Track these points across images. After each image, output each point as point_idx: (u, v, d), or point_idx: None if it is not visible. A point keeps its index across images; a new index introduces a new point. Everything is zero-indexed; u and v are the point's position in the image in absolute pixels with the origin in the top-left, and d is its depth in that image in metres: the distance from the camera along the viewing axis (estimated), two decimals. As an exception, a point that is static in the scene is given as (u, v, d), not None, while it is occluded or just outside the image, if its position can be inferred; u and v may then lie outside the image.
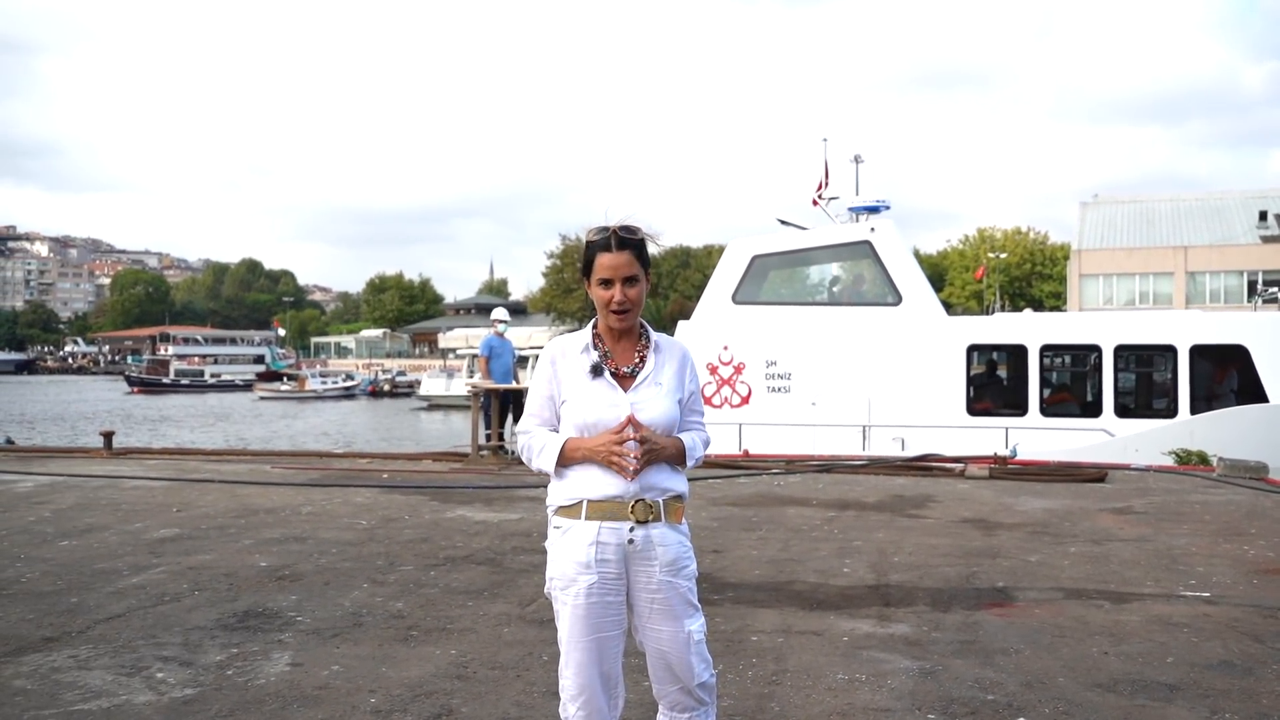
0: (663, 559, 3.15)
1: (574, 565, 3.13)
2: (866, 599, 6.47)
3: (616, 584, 3.14)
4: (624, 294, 3.15)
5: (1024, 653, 5.31)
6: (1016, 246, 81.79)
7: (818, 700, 4.61)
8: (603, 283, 3.16)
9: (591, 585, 3.11)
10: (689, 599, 3.22)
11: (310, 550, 7.84)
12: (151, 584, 6.74)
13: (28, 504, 10.01)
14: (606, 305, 3.17)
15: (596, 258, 3.17)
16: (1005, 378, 17.24)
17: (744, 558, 7.70)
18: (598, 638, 3.15)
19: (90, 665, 5.07)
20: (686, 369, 3.30)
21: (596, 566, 3.11)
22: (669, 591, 3.17)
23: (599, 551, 3.11)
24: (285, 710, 4.46)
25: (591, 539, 3.11)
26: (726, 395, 17.02)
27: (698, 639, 3.22)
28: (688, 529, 3.29)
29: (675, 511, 3.20)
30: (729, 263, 18.12)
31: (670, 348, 3.30)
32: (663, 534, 3.15)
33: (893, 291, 17.02)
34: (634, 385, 3.19)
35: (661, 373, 3.23)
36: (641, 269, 3.19)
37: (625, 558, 3.13)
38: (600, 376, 3.18)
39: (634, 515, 3.11)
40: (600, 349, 3.23)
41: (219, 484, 11.47)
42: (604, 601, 3.13)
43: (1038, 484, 11.64)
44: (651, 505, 3.13)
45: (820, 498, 10.68)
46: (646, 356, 3.24)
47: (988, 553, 7.87)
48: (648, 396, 3.18)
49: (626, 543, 3.12)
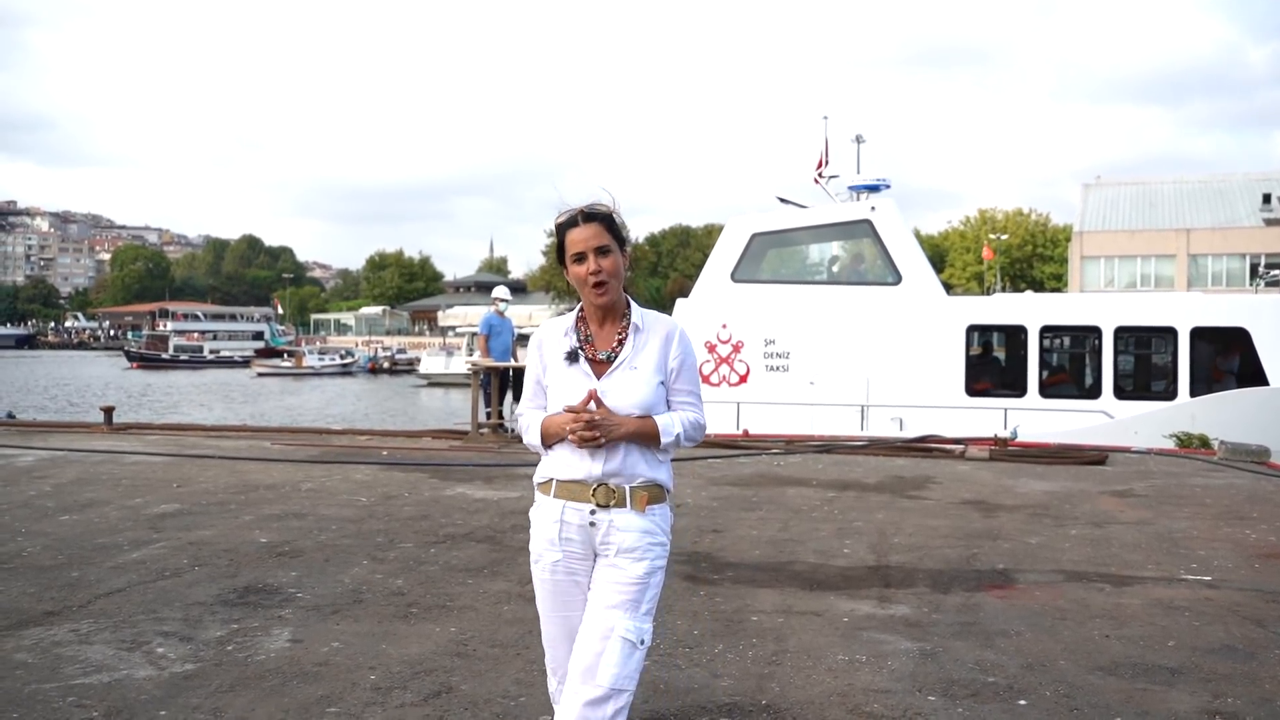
0: (619, 544, 3.10)
1: (543, 541, 3.18)
2: (867, 580, 6.47)
3: (583, 564, 3.14)
4: (598, 264, 3.12)
5: (1025, 635, 5.30)
6: (1018, 228, 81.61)
7: (818, 681, 4.61)
8: (577, 258, 3.14)
9: (556, 562, 3.15)
10: (636, 594, 3.08)
11: (310, 527, 7.84)
12: (152, 559, 6.74)
13: (29, 478, 10.01)
14: (584, 281, 3.14)
15: (566, 236, 3.16)
16: (1003, 359, 17.23)
17: (744, 538, 7.69)
18: (565, 615, 3.17)
19: (91, 639, 5.07)
20: (671, 346, 3.21)
21: (561, 544, 3.14)
22: (619, 579, 3.08)
23: (563, 530, 3.13)
24: (285, 686, 4.46)
25: (556, 516, 3.14)
26: (725, 374, 17.01)
27: (624, 637, 3.02)
28: (665, 523, 3.20)
29: (640, 499, 3.12)
30: (728, 241, 18.08)
31: (654, 326, 3.23)
32: (625, 520, 3.11)
33: (892, 271, 17.00)
34: (608, 371, 3.15)
35: (639, 355, 3.17)
36: (615, 242, 3.15)
37: (589, 539, 3.12)
38: (575, 363, 3.16)
39: (595, 498, 3.09)
40: (582, 333, 3.21)
41: (219, 460, 11.46)
42: (570, 580, 3.15)
43: (1038, 466, 11.64)
44: (614, 490, 3.10)
45: (820, 478, 10.68)
46: (625, 340, 3.18)
47: (988, 534, 7.87)
48: (618, 382, 3.13)
49: (589, 524, 3.11)
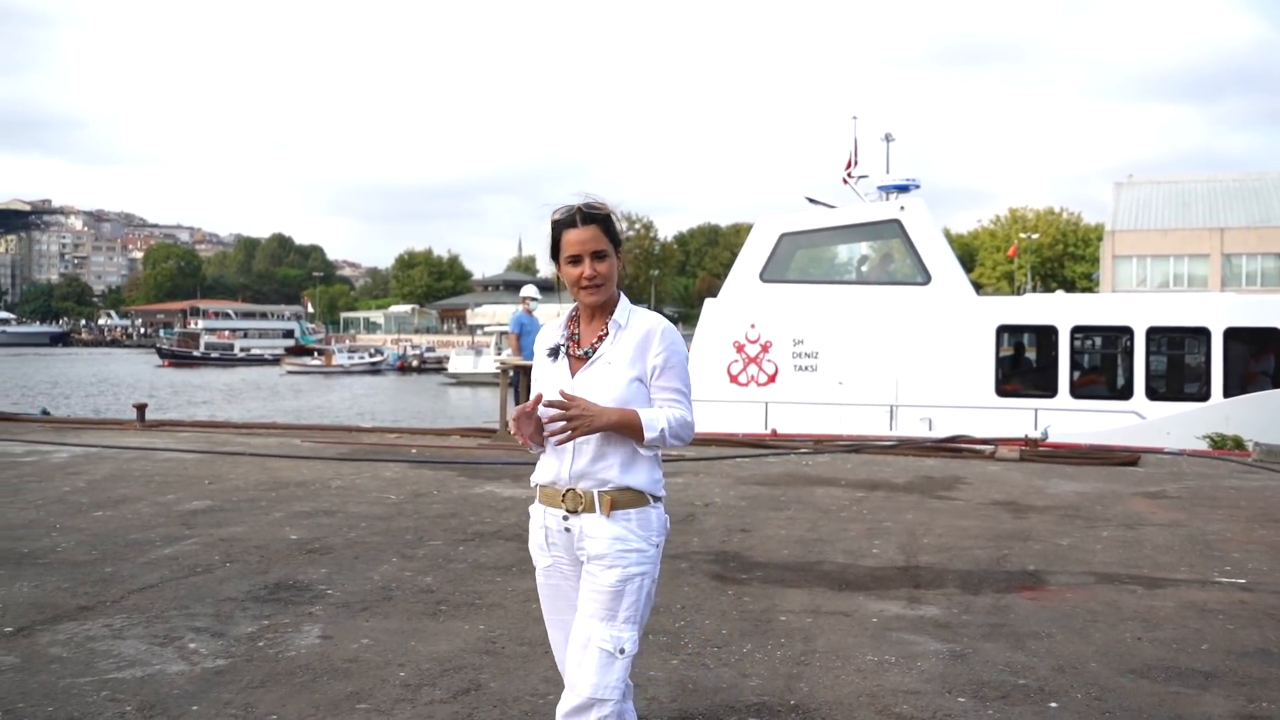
0: (590, 551, 3.05)
1: (535, 545, 3.22)
2: (896, 580, 6.44)
3: (572, 568, 3.13)
4: (594, 269, 3.06)
5: (1055, 637, 5.27)
6: (1049, 227, 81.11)
7: (847, 681, 4.59)
8: (572, 260, 3.09)
9: (549, 567, 3.19)
10: (610, 602, 3.01)
11: (340, 524, 7.88)
12: (184, 555, 6.80)
13: (63, 474, 10.12)
14: (576, 282, 3.09)
15: (563, 235, 3.09)
16: (1034, 359, 17.12)
17: (772, 537, 7.68)
18: (562, 619, 3.18)
19: (124, 635, 5.12)
20: (651, 343, 3.09)
21: (549, 549, 3.16)
22: (593, 586, 3.04)
23: (547, 535, 3.16)
24: (315, 682, 4.49)
25: (540, 522, 3.18)
26: (753, 373, 16.97)
27: (600, 646, 2.99)
28: (642, 528, 3.08)
29: (606, 503, 3.04)
30: (757, 241, 18.05)
31: (637, 323, 3.13)
32: (595, 525, 3.04)
33: (922, 271, 16.92)
34: (584, 367, 3.11)
35: (615, 352, 3.10)
36: (610, 244, 3.10)
37: (569, 544, 3.11)
38: (556, 359, 3.17)
39: (565, 504, 3.08)
40: (570, 330, 3.20)
41: (250, 457, 11.55)
42: (565, 584, 3.17)
43: (1069, 467, 11.56)
44: (581, 495, 3.05)
45: (849, 478, 10.65)
46: (606, 336, 3.13)
47: (1018, 535, 7.83)
48: (591, 377, 3.08)
49: (564, 530, 3.10)
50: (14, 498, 8.79)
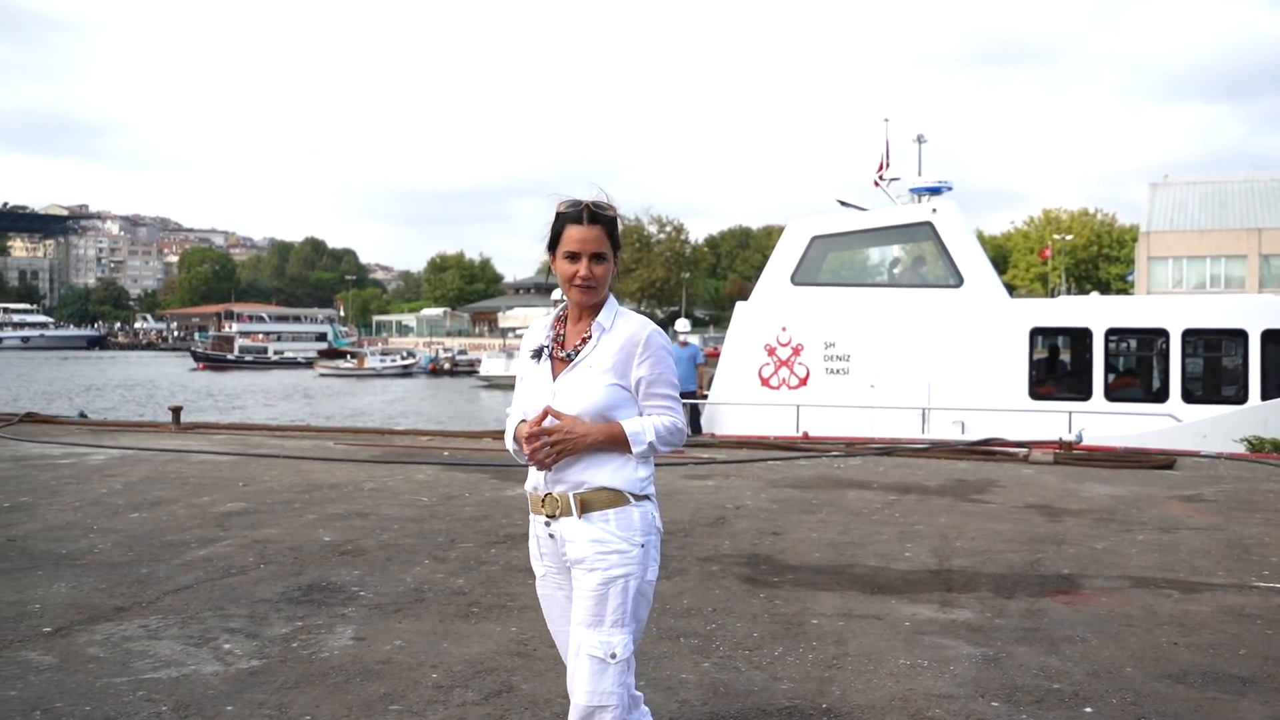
0: (572, 556, 3.04)
1: (532, 554, 3.22)
2: (928, 584, 6.41)
3: (561, 578, 3.14)
4: (590, 270, 3.02)
5: (1090, 641, 5.23)
6: (1083, 228, 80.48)
7: (879, 685, 4.58)
8: (569, 256, 3.04)
9: (543, 576, 3.19)
10: (595, 607, 2.98)
11: (373, 526, 7.93)
12: (218, 556, 6.86)
13: (100, 476, 10.23)
14: (570, 280, 3.05)
15: (566, 229, 3.05)
16: (1068, 361, 16.98)
17: (804, 540, 7.66)
18: (558, 629, 3.20)
19: (160, 635, 5.17)
20: (636, 348, 3.05)
21: (541, 559, 3.17)
22: (579, 592, 3.03)
23: (539, 544, 3.16)
24: (349, 683, 4.51)
25: (533, 530, 3.18)
26: (785, 376, 16.91)
27: (589, 654, 2.98)
28: (624, 529, 3.02)
29: (583, 505, 3.00)
30: (788, 244, 17.99)
31: (622, 327, 3.09)
32: (572, 529, 3.02)
33: (954, 273, 16.81)
34: (566, 369, 3.07)
35: (598, 355, 3.05)
36: (610, 248, 3.07)
37: (556, 550, 3.10)
38: (539, 360, 3.13)
39: (544, 509, 3.07)
40: (556, 331, 3.16)
41: (283, 459, 11.63)
42: (558, 593, 3.16)
43: (1104, 470, 11.46)
44: (558, 499, 3.02)
45: (881, 481, 10.60)
46: (589, 338, 3.09)
47: (1052, 539, 7.77)
48: (572, 381, 3.04)
49: (549, 536, 3.10)
50: (52, 499, 8.90)
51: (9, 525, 7.81)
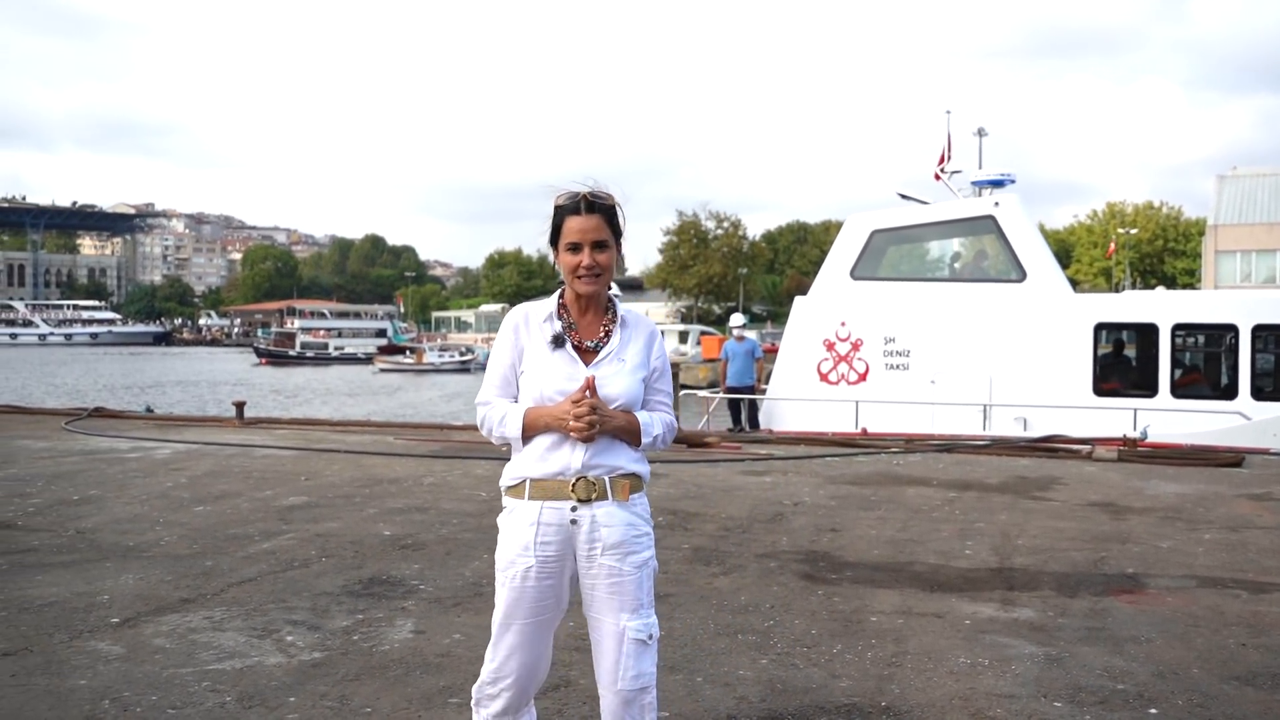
0: (607, 541, 3.00)
1: (516, 548, 3.04)
2: (989, 582, 6.34)
3: (556, 567, 3.03)
4: (593, 258, 3.03)
5: (1155, 642, 5.14)
6: (1148, 222, 79.03)
7: (939, 684, 4.53)
8: (571, 247, 3.05)
9: (529, 569, 3.02)
10: (635, 591, 3.01)
11: (432, 520, 7.99)
12: (281, 550, 6.95)
13: (166, 470, 10.41)
14: (573, 270, 3.06)
15: (565, 221, 3.06)
16: (1133, 357, 16.69)
17: (862, 537, 7.61)
18: (535, 622, 3.06)
19: (224, 627, 5.25)
20: (653, 346, 3.16)
21: (536, 550, 3.01)
22: (613, 578, 3.01)
23: (540, 533, 3.01)
24: (408, 676, 4.56)
25: (533, 519, 3.02)
26: (844, 372, 16.79)
27: (634, 638, 3.00)
28: (646, 512, 3.11)
29: (622, 489, 3.03)
30: (847, 238, 17.85)
31: (638, 324, 3.18)
32: (609, 513, 3.01)
33: (1017, 268, 16.58)
34: (596, 360, 3.07)
35: (626, 349, 3.11)
36: (612, 236, 3.09)
37: (568, 539, 3.01)
38: (561, 348, 3.08)
39: (575, 493, 2.99)
40: (565, 320, 3.13)
41: (344, 454, 11.77)
42: (541, 586, 3.03)
43: (1169, 468, 11.26)
44: (594, 482, 2.99)
45: (941, 478, 10.50)
46: (613, 331, 3.12)
47: (1116, 537, 7.64)
48: (610, 372, 3.06)
49: (569, 523, 3.00)
50: (120, 493, 9.07)
51: (79, 518, 7.97)
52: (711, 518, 8.29)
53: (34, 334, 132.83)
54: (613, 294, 3.24)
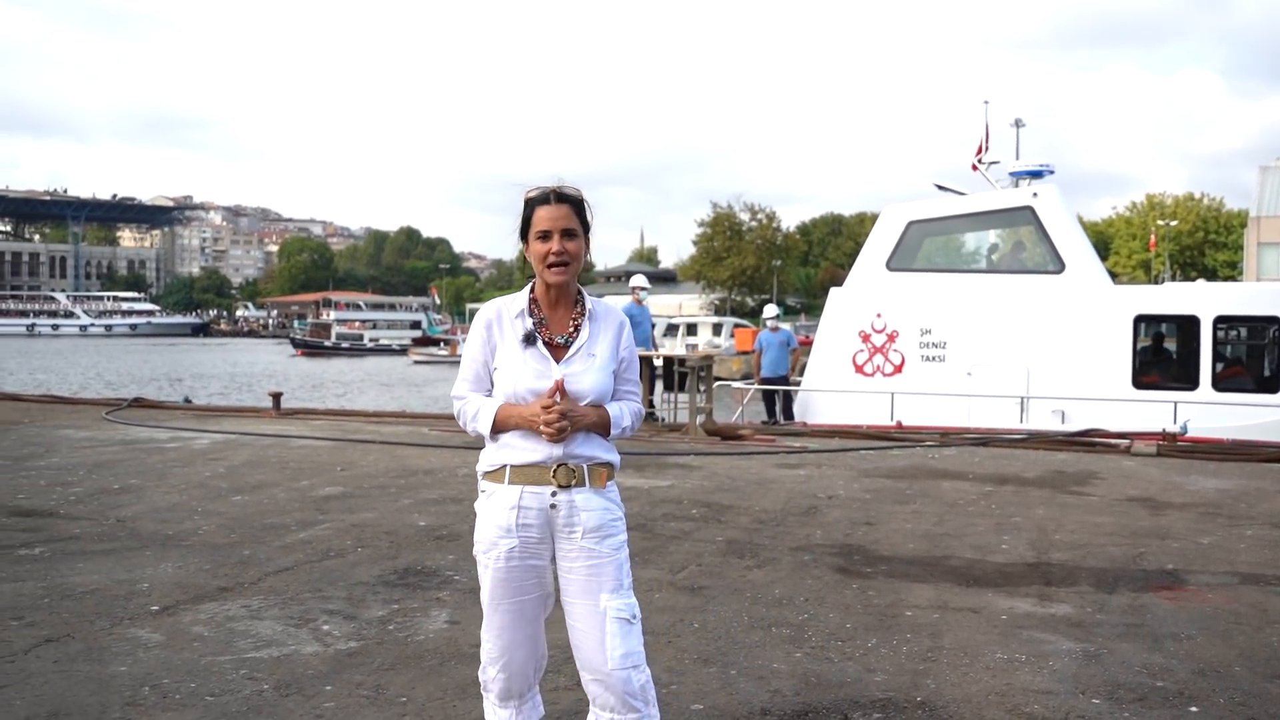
0: (585, 525, 3.09)
1: (496, 529, 3.11)
2: (1026, 577, 6.29)
3: (539, 548, 3.10)
4: (563, 245, 3.10)
5: (1196, 639, 5.08)
6: (1188, 213, 78.14)
7: (975, 679, 4.50)
8: (541, 236, 3.12)
9: (512, 549, 3.09)
10: (614, 572, 3.11)
11: (466, 511, 7.99)
12: (317, 540, 7.00)
13: (204, 460, 10.51)
14: (543, 259, 3.12)
15: (535, 212, 3.15)
16: (1174, 350, 16.50)
17: (897, 531, 7.57)
18: (519, 600, 3.13)
19: (261, 615, 5.29)
20: (621, 338, 3.23)
21: (518, 531, 3.09)
22: (592, 559, 3.09)
23: (520, 516, 3.08)
24: (444, 666, 4.58)
25: (513, 503, 3.09)
26: (879, 364, 16.70)
27: (617, 617, 3.08)
28: (618, 498, 3.21)
29: (599, 477, 3.13)
30: (883, 229, 17.74)
31: (607, 315, 3.24)
32: (586, 499, 3.10)
33: (1055, 259, 16.41)
34: (566, 356, 3.14)
35: (595, 343, 3.18)
36: (581, 227, 3.16)
37: (548, 523, 3.09)
38: (532, 345, 3.13)
39: (556, 480, 3.07)
40: (535, 315, 3.18)
41: (380, 445, 11.84)
42: (525, 565, 3.10)
43: (1210, 462, 11.13)
44: (574, 470, 3.08)
45: (977, 471, 10.42)
46: (581, 325, 3.18)
47: (1155, 533, 7.56)
48: (580, 369, 3.12)
49: (549, 507, 3.08)
50: (160, 482, 9.17)
51: (119, 506, 8.06)
52: (745, 510, 8.27)
53: (75, 325, 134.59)
54: (643, 285, 3.28)
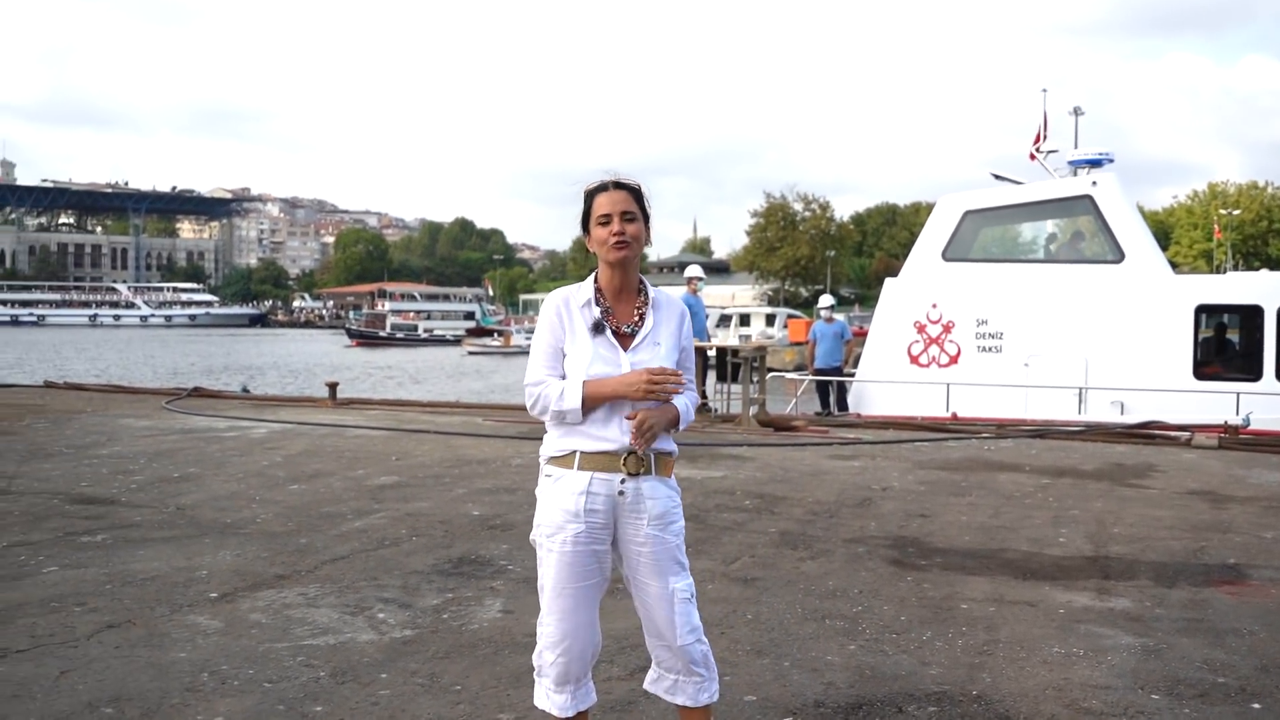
0: (651, 512, 3.18)
1: (562, 513, 3.16)
2: (1084, 570, 6.20)
3: (603, 534, 3.17)
4: (623, 227, 3.17)
5: (1259, 635, 4.98)
6: (1251, 202, 76.61)
7: (1031, 673, 4.45)
8: (602, 221, 3.19)
9: (578, 534, 3.15)
10: (676, 556, 3.23)
11: (520, 501, 8.05)
12: (373, 528, 7.07)
13: (262, 449, 10.65)
14: (605, 242, 3.18)
15: (594, 201, 3.23)
16: (1237, 341, 16.19)
17: (952, 523, 7.50)
18: (581, 585, 3.20)
19: (318, 603, 5.36)
20: (682, 328, 3.32)
21: (585, 516, 3.15)
22: (656, 545, 3.19)
23: (588, 501, 3.15)
24: (497, 655, 4.60)
25: (582, 488, 3.15)
26: (934, 355, 16.56)
27: (683, 597, 3.23)
28: (678, 486, 3.32)
29: (665, 466, 3.24)
30: (939, 219, 17.57)
31: (669, 305, 3.32)
32: (653, 487, 3.19)
33: (1114, 249, 16.17)
34: (633, 345, 3.21)
35: (659, 332, 3.25)
36: (640, 213, 3.22)
37: (614, 509, 3.16)
38: (601, 334, 3.19)
39: (626, 467, 3.14)
40: (601, 305, 3.23)
41: (434, 435, 11.93)
42: (590, 550, 3.17)
43: (1274, 456, 10.91)
44: (643, 459, 3.17)
45: (1033, 464, 10.30)
46: (645, 314, 3.26)
47: (1217, 527, 7.43)
48: (646, 357, 3.20)
49: (616, 494, 3.15)
50: (218, 471, 9.30)
51: (179, 495, 8.19)
52: (799, 502, 8.24)
53: (136, 315, 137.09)
54: (699, 275, 3.32)
